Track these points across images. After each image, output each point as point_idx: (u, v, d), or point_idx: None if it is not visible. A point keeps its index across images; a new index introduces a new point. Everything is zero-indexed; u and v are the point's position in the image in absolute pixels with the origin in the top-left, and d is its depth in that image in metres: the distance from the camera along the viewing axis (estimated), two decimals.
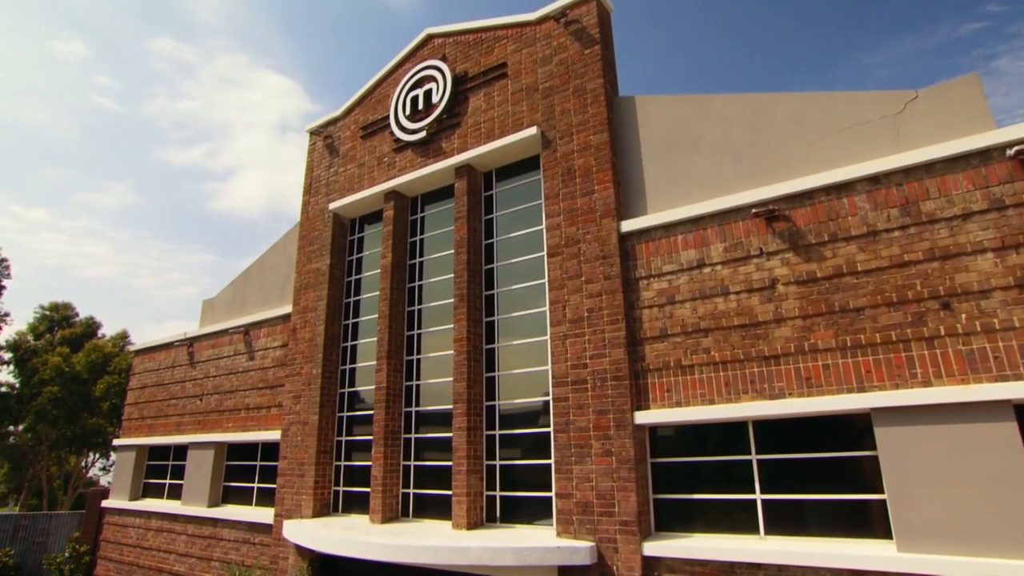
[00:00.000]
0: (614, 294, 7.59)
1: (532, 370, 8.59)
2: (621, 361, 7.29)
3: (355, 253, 11.78)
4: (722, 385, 6.67)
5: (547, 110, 9.10)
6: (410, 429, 9.73)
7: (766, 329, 6.54)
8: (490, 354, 9.17)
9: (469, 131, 10.02)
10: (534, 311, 8.81)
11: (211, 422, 12.59)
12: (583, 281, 7.92)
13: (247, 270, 13.70)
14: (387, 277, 10.35)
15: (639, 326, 7.44)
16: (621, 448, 7.00)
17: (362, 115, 11.98)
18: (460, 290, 9.25)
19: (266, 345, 12.14)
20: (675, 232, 7.52)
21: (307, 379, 10.84)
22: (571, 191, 8.43)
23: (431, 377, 9.80)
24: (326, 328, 10.98)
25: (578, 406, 7.48)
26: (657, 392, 7.11)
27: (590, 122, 8.56)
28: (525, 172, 9.64)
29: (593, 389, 7.42)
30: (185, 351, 13.93)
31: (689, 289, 7.19)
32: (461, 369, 8.84)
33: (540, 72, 9.41)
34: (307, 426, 10.51)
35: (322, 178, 12.30)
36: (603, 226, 7.96)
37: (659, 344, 7.24)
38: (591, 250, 7.97)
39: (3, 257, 33.86)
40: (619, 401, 7.18)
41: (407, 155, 10.83)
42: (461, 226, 9.60)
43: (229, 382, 12.54)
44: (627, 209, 8.16)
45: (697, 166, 7.79)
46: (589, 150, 8.44)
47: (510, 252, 9.44)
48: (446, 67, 10.58)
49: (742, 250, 6.94)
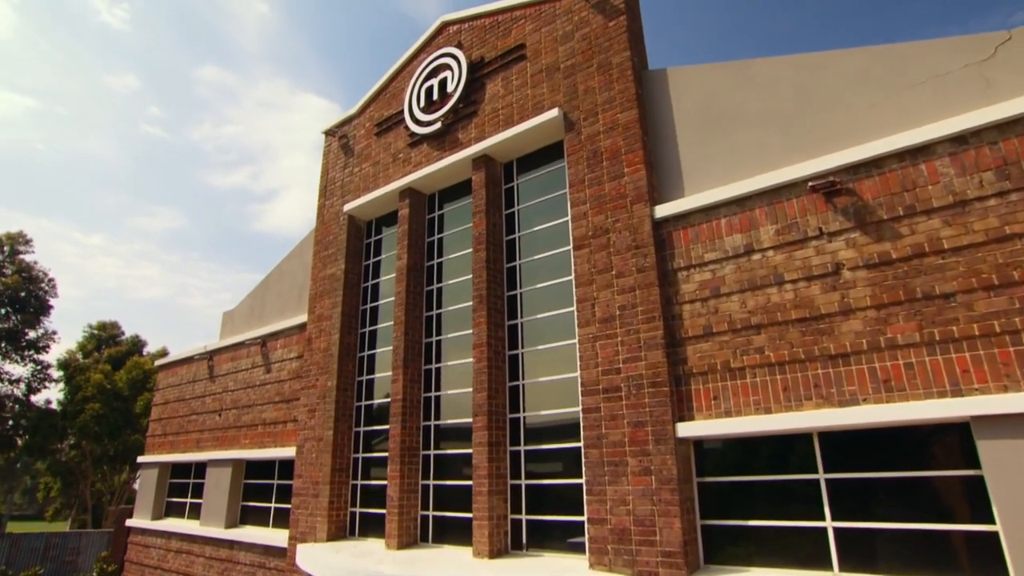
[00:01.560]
0: (649, 288, 6.78)
1: (560, 377, 7.83)
2: (659, 365, 6.46)
3: (371, 257, 11.29)
4: (779, 390, 5.75)
5: (569, 90, 8.39)
6: (429, 445, 9.08)
7: (831, 323, 5.61)
8: (514, 361, 8.45)
9: (487, 119, 9.40)
10: (561, 311, 8.06)
11: (229, 438, 12.27)
12: (614, 275, 7.13)
13: (265, 279, 13.43)
14: (403, 280, 9.79)
15: (679, 324, 6.60)
16: (661, 466, 6.14)
17: (377, 111, 11.55)
18: (479, 291, 8.59)
19: (282, 356, 11.75)
20: (717, 215, 6.66)
21: (322, 392, 10.35)
22: (598, 176, 7.68)
23: (452, 387, 9.14)
24: (341, 337, 10.48)
25: (611, 417, 6.67)
26: (702, 400, 6.23)
27: (617, 99, 7.81)
28: (548, 160, 8.94)
29: (628, 398, 6.60)
30: (205, 365, 13.72)
31: (736, 279, 6.31)
32: (481, 378, 8.15)
33: (561, 50, 8.73)
34: (322, 442, 9.99)
35: (337, 180, 11.91)
36: (635, 213, 7.17)
37: (703, 344, 6.37)
38: (622, 240, 7.18)
39: (50, 277, 35.38)
40: (658, 411, 6.34)
41: (422, 149, 10.30)
42: (479, 221, 8.95)
43: (247, 396, 12.21)
44: (661, 193, 7.35)
45: (739, 141, 6.93)
46: (616, 129, 7.68)
47: (534, 247, 8.73)
48: (461, 54, 10.03)
49: (798, 231, 6.03)
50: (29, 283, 33.00)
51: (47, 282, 34.09)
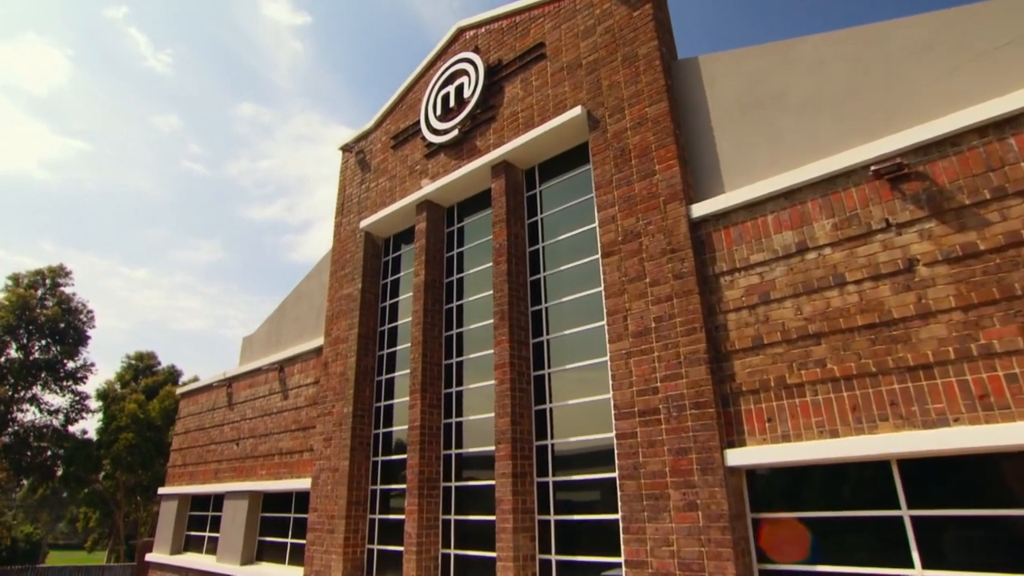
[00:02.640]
0: (688, 296, 6.08)
1: (591, 399, 7.14)
2: (703, 383, 5.72)
3: (389, 275, 10.87)
4: (847, 410, 4.95)
5: (593, 86, 7.87)
6: (450, 476, 8.44)
7: (907, 328, 4.81)
8: (539, 382, 7.80)
9: (506, 124, 8.94)
10: (590, 326, 7.40)
11: (246, 469, 11.87)
12: (647, 283, 6.47)
13: (283, 302, 13.16)
14: (420, 297, 9.29)
15: (724, 335, 5.87)
16: (710, 500, 5.37)
17: (393, 124, 11.25)
18: (500, 306, 8.01)
19: (299, 382, 11.35)
20: (763, 211, 5.96)
21: (338, 419, 9.86)
22: (626, 175, 7.08)
23: (474, 412, 8.52)
24: (358, 360, 10.01)
25: (649, 444, 5.94)
26: (754, 422, 5.46)
27: (644, 92, 7.24)
28: (572, 165, 8.39)
29: (668, 421, 5.87)
30: (224, 392, 13.46)
31: (789, 283, 5.57)
32: (503, 401, 7.51)
33: (582, 46, 8.23)
34: (337, 473, 9.46)
35: (354, 196, 11.60)
36: (669, 213, 6.52)
37: (753, 357, 5.62)
38: (655, 244, 6.52)
39: (89, 308, 36.43)
40: (703, 436, 5.59)
41: (439, 159, 9.88)
42: (500, 231, 8.42)
43: (264, 424, 11.83)
44: (697, 190, 6.70)
45: (785, 128, 6.25)
46: (645, 124, 7.08)
47: (559, 258, 8.13)
48: (478, 58, 9.64)
49: (859, 225, 5.28)
50: (68, 314, 34.01)
51: (85, 313, 35.10)
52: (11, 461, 30.94)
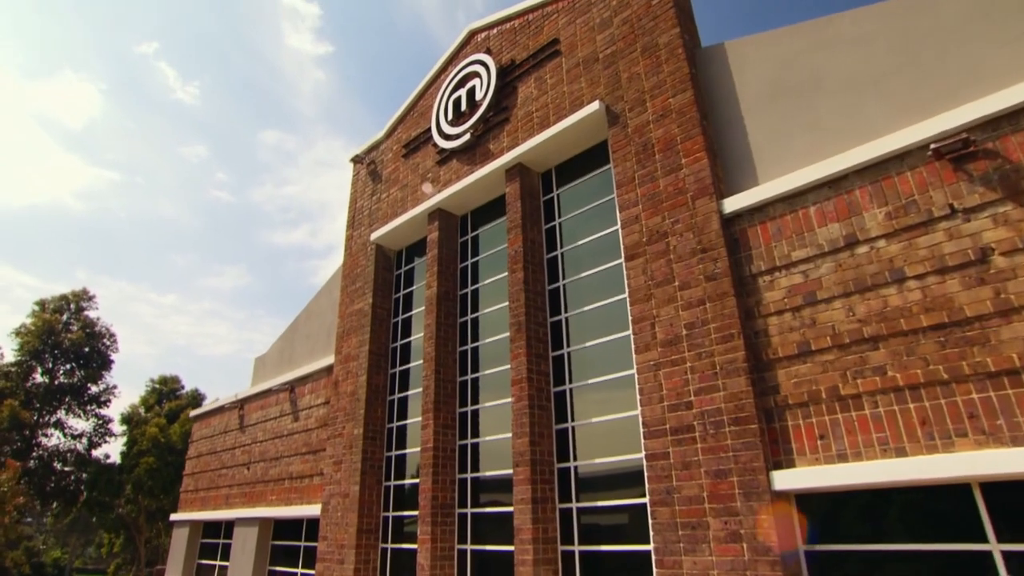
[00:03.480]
0: (723, 300, 5.51)
1: (617, 416, 6.57)
2: (742, 395, 5.13)
3: (401, 289, 10.47)
4: (916, 424, 4.31)
5: (611, 80, 7.42)
6: (466, 502, 7.88)
7: (983, 328, 4.18)
8: (560, 399, 7.25)
9: (520, 125, 8.53)
10: (614, 336, 6.86)
11: (256, 494, 11.46)
12: (676, 287, 5.91)
13: (295, 320, 12.85)
14: (433, 310, 8.85)
15: (764, 342, 5.27)
16: (755, 530, 4.74)
17: (404, 132, 10.94)
18: (517, 317, 7.51)
19: (310, 403, 10.95)
20: (804, 203, 5.39)
21: (348, 441, 9.40)
22: (650, 172, 6.57)
23: (491, 432, 7.99)
24: (369, 378, 9.57)
25: (683, 465, 5.34)
26: (804, 440, 4.84)
27: (667, 82, 6.76)
28: (591, 165, 7.92)
29: (704, 439, 5.26)
30: (236, 414, 13.13)
31: (838, 280, 4.98)
32: (521, 419, 6.98)
33: (599, 39, 7.82)
34: (348, 499, 8.97)
35: (365, 208, 11.29)
36: (698, 209, 5.99)
37: (799, 366, 5.01)
38: (684, 244, 5.98)
39: (112, 332, 36.88)
40: (745, 456, 4.97)
41: (451, 166, 9.51)
42: (515, 238, 7.96)
43: (274, 447, 11.44)
44: (728, 184, 6.16)
45: (824, 112, 5.71)
46: (669, 116, 6.59)
47: (579, 264, 7.63)
48: (490, 59, 9.30)
49: (918, 212, 4.68)
50: (92, 338, 34.43)
51: (108, 337, 35.51)
52: (35, 486, 31.12)
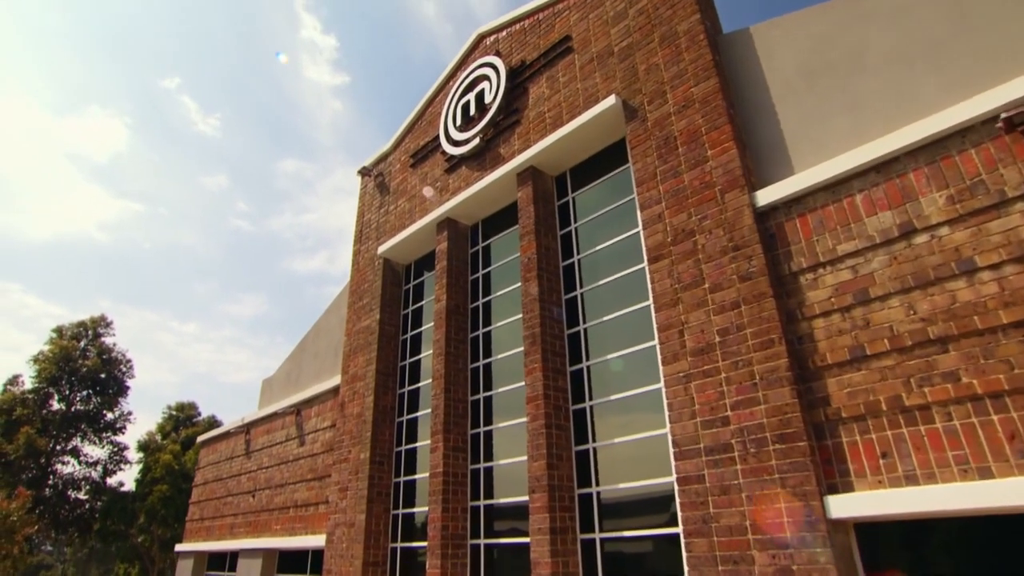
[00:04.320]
0: (760, 301, 4.94)
1: (644, 436, 5.97)
2: (787, 408, 4.52)
3: (410, 305, 10.02)
4: (1003, 439, 3.68)
5: (627, 73, 6.99)
6: (478, 532, 7.28)
7: None
8: (580, 418, 6.67)
9: (531, 126, 8.11)
10: (639, 347, 6.30)
11: (261, 523, 10.94)
12: (707, 290, 5.36)
13: (303, 340, 12.46)
14: (442, 325, 8.36)
15: (810, 347, 4.68)
16: (810, 565, 4.09)
17: (412, 142, 10.61)
18: (531, 329, 6.99)
19: (316, 426, 10.47)
20: (849, 190, 4.84)
21: (354, 466, 8.87)
22: (673, 166, 6.07)
23: (506, 456, 7.41)
24: (376, 399, 9.08)
25: (721, 490, 4.72)
26: (863, 459, 4.21)
27: (688, 71, 6.30)
28: (608, 165, 7.46)
29: (745, 460, 4.65)
30: (243, 439, 12.70)
31: (894, 275, 4.39)
32: (538, 441, 6.40)
33: (613, 32, 7.41)
34: (354, 528, 8.40)
35: (372, 222, 10.93)
36: (728, 204, 5.46)
37: (852, 373, 4.41)
38: (714, 242, 5.44)
39: (128, 359, 37.00)
40: (794, 478, 4.35)
41: (461, 173, 9.11)
42: (528, 244, 7.48)
43: (280, 474, 10.94)
44: (760, 176, 5.63)
45: (866, 90, 5.18)
46: (692, 106, 6.11)
47: (598, 271, 7.11)
48: (500, 61, 8.95)
49: (987, 193, 4.10)
50: (108, 365, 34.53)
51: (125, 363, 35.60)
52: (50, 515, 30.95)
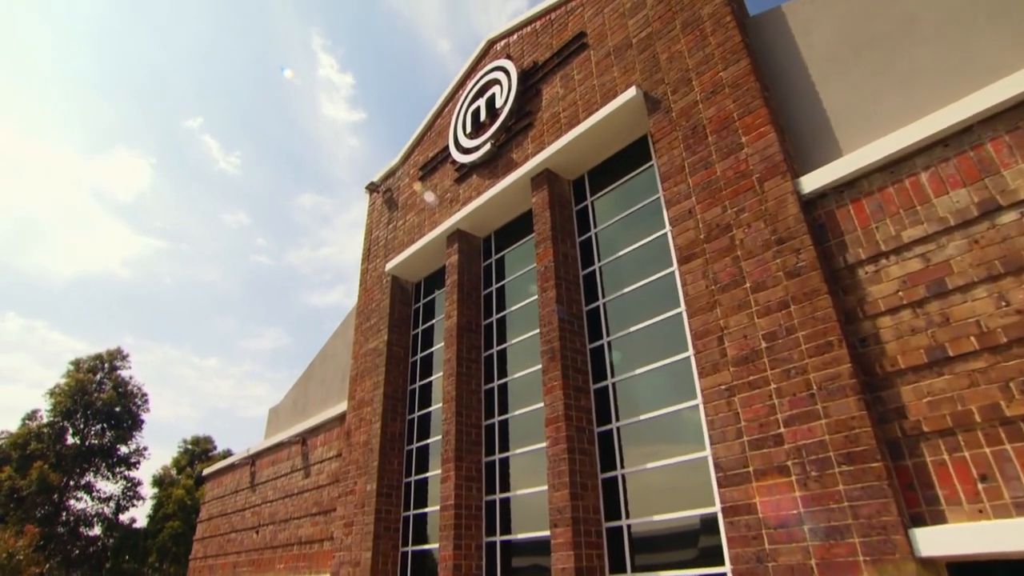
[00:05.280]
0: (812, 299, 4.30)
1: (680, 460, 5.27)
2: (854, 422, 3.84)
3: (420, 325, 9.47)
4: None
5: (648, 64, 6.50)
6: (495, 571, 6.56)
7: None
8: (606, 441, 6.00)
9: (545, 128, 7.65)
10: (671, 360, 5.65)
11: (265, 561, 10.28)
12: (748, 290, 4.73)
13: (310, 365, 11.96)
14: (453, 343, 7.78)
15: (877, 350, 4.01)
16: None
17: (421, 155, 10.22)
18: (550, 343, 6.39)
19: (322, 456, 9.87)
20: (912, 169, 4.22)
21: (360, 499, 8.22)
22: (703, 157, 5.51)
23: (524, 485, 6.73)
24: (383, 425, 8.47)
25: (778, 521, 4.01)
26: (955, 483, 3.50)
27: (716, 55, 5.78)
28: (629, 166, 6.93)
29: (805, 485, 3.95)
30: (248, 471, 12.12)
31: (976, 261, 3.74)
32: (559, 468, 5.73)
33: (631, 24, 6.96)
34: (359, 568, 7.71)
35: (381, 239, 10.49)
36: (768, 193, 4.86)
37: (932, 379, 3.72)
38: (754, 236, 4.83)
39: (144, 392, 36.90)
40: (868, 507, 3.64)
41: (471, 182, 8.65)
42: (545, 251, 6.93)
43: (284, 508, 10.32)
44: (802, 162, 5.04)
45: (919, 61, 4.62)
46: (722, 91, 5.58)
47: (622, 278, 6.52)
48: (511, 64, 8.55)
49: None
50: (124, 398, 34.42)
51: (140, 396, 35.47)
52: (61, 552, 30.46)
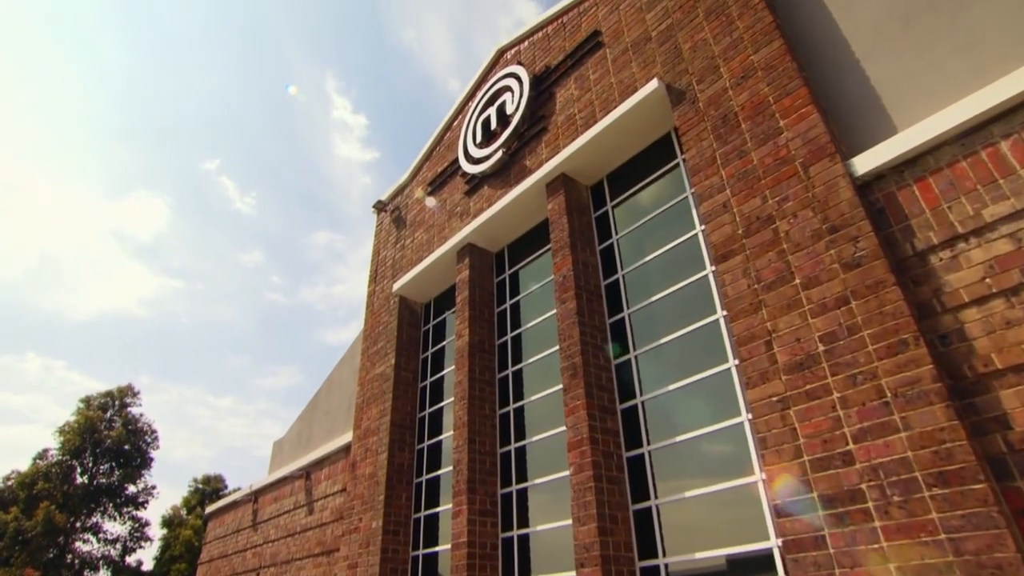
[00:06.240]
0: (879, 292, 3.70)
1: (724, 487, 4.61)
2: (944, 434, 3.19)
3: (430, 348, 8.92)
4: None
5: (669, 56, 6.07)
6: None
7: None
8: (637, 467, 5.34)
9: (560, 132, 7.21)
10: (709, 372, 5.03)
11: None
12: (798, 286, 4.14)
13: (315, 396, 11.40)
14: (465, 364, 7.21)
15: (964, 349, 3.39)
16: None
17: (430, 170, 9.84)
18: (570, 359, 5.80)
19: (325, 491, 9.23)
20: (989, 139, 3.66)
21: (365, 537, 7.55)
22: (736, 146, 5.00)
23: (545, 520, 6.05)
24: (390, 456, 7.85)
25: (853, 560, 3.33)
26: None
27: (745, 38, 5.33)
28: (651, 166, 6.45)
29: (886, 512, 3.28)
30: (250, 509, 11.48)
31: None
32: (584, 498, 5.08)
33: (648, 18, 6.57)
34: None
35: (388, 259, 10.04)
36: (815, 179, 4.32)
37: None
38: (802, 226, 4.27)
39: (154, 429, 36.45)
40: (973, 542, 2.97)
41: (482, 193, 8.20)
42: (563, 260, 6.40)
43: (287, 548, 9.63)
44: (849, 144, 4.51)
45: (982, 23, 4.12)
46: (754, 75, 5.10)
47: (648, 286, 5.96)
48: (522, 70, 8.20)
49: None
50: (133, 435, 33.96)
51: (150, 434, 35.00)
52: None
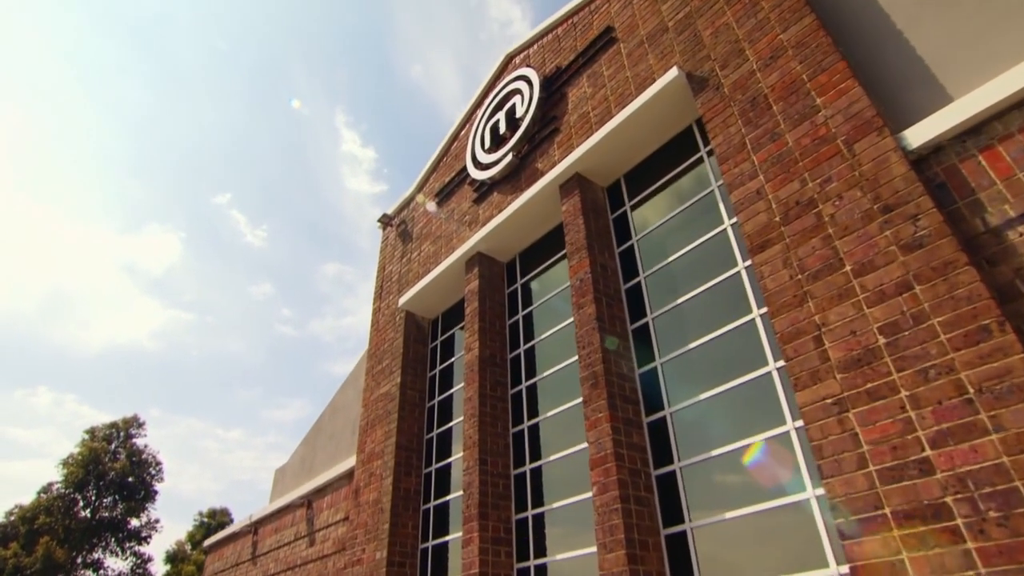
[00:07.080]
0: (949, 274, 3.23)
1: (773, 505, 4.07)
2: None
3: (438, 365, 8.46)
4: None
5: (689, 44, 5.73)
6: None
7: None
8: (668, 485, 4.82)
9: (573, 131, 6.86)
10: (747, 378, 4.54)
11: None
12: (849, 273, 3.68)
13: (318, 420, 10.92)
14: (475, 380, 6.74)
15: None
16: None
17: (437, 181, 9.52)
18: (591, 368, 5.32)
19: (327, 520, 8.68)
20: None
21: (369, 570, 6.98)
22: (768, 129, 4.60)
23: (564, 548, 5.49)
24: (395, 481, 7.33)
25: None
26: None
27: (771, 18, 4.98)
28: (671, 163, 6.06)
29: (981, 532, 2.76)
30: (250, 541, 10.90)
31: None
32: (610, 521, 4.55)
33: (664, 9, 6.26)
34: None
35: (394, 274, 9.65)
36: (861, 156, 3.89)
37: None
38: (849, 208, 3.83)
39: (158, 461, 35.87)
40: None
41: (492, 200, 7.84)
42: (580, 263, 5.97)
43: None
44: (894, 119, 4.09)
45: None
46: (784, 54, 4.72)
47: (673, 288, 5.51)
48: (532, 72, 7.91)
49: None
50: (138, 467, 33.40)
51: (155, 465, 34.44)
52: None
